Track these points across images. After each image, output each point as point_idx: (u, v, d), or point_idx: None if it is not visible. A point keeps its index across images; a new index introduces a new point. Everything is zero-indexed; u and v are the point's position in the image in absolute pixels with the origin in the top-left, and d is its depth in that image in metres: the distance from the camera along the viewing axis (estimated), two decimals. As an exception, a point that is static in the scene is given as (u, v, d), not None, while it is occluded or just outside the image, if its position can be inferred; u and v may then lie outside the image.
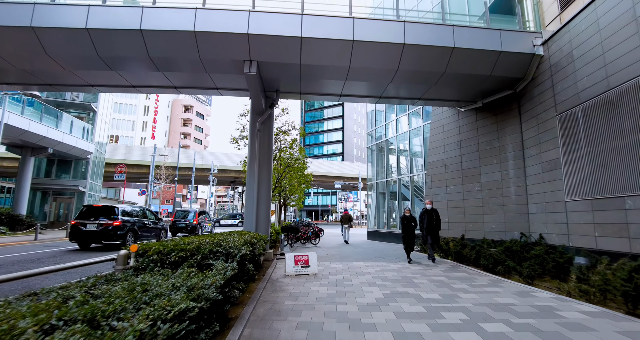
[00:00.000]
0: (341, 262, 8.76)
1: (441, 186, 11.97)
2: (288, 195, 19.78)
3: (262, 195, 9.88)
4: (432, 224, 8.99)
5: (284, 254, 10.35)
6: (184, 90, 10.21)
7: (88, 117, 23.65)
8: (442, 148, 12.17)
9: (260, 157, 10.01)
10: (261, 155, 10.03)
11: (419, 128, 14.99)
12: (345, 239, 15.97)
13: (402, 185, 16.07)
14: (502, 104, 9.97)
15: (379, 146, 18.17)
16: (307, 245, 13.76)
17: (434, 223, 9.00)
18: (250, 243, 5.66)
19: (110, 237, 11.35)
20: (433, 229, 9.01)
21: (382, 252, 11.34)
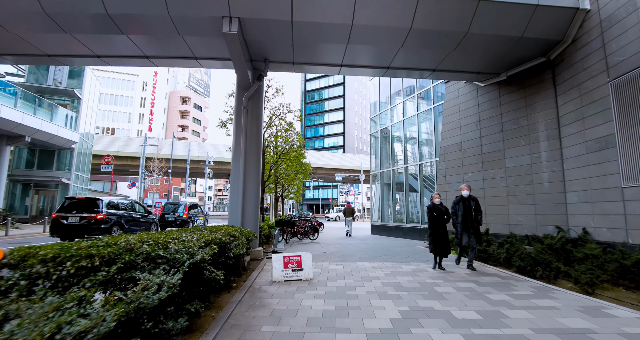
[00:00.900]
0: (342, 263, 7.34)
1: (457, 174, 10.49)
2: (285, 185, 18.36)
3: (249, 184, 8.43)
4: (470, 217, 6.59)
5: (277, 253, 8.95)
6: (157, 60, 8.69)
7: (72, 105, 22.16)
8: (457, 130, 10.66)
9: (248, 139, 8.53)
10: (249, 137, 8.55)
11: (428, 111, 13.46)
12: (348, 231, 15.41)
13: (409, 175, 14.60)
14: (532, 74, 8.43)
15: (384, 133, 16.65)
16: (305, 241, 12.37)
17: (472, 216, 6.59)
18: (219, 243, 4.23)
19: (94, 231, 10.51)
20: (472, 225, 6.57)
21: (390, 249, 9.91)
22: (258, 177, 8.67)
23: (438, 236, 6.71)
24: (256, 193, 8.56)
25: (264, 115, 12.61)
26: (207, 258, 3.31)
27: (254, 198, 8.47)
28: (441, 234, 6.72)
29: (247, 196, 8.34)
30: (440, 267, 6.71)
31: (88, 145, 23.91)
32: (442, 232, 6.73)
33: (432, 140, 13.13)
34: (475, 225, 6.62)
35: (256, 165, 8.64)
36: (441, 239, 6.67)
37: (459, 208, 6.80)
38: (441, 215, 6.85)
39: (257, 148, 8.73)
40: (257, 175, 8.64)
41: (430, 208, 6.98)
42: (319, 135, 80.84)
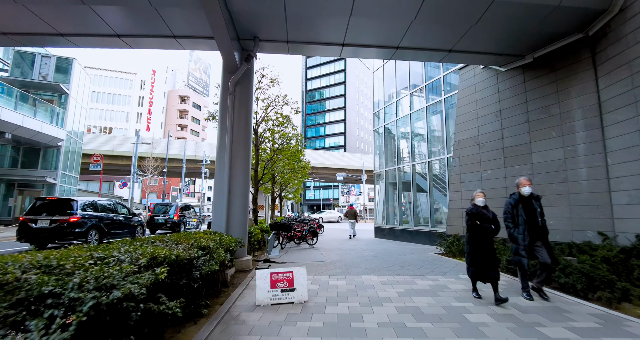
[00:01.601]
0: (345, 276, 6.15)
1: (473, 171, 9.30)
2: (283, 184, 17.19)
3: (236, 183, 7.27)
4: (536, 224, 4.68)
5: (270, 261, 7.79)
6: (130, 40, 7.53)
7: (59, 101, 21.06)
8: (474, 122, 9.47)
9: (235, 130, 7.38)
10: (236, 128, 7.39)
11: (438, 103, 12.28)
12: (351, 234, 15.11)
13: (417, 174, 13.41)
14: (565, 55, 7.24)
15: (388, 128, 15.47)
16: (303, 247, 11.19)
17: (540, 222, 4.70)
18: (177, 261, 3.07)
19: (66, 235, 9.42)
20: (540, 235, 4.69)
21: (398, 257, 8.73)
22: (247, 175, 7.51)
23: (482, 254, 4.59)
24: (244, 193, 7.40)
25: (256, 107, 11.48)
26: (137, 292, 2.14)
27: (241, 199, 7.31)
28: (487, 251, 4.59)
29: (233, 197, 7.18)
30: (478, 294, 4.79)
31: (77, 143, 22.80)
32: (487, 249, 4.60)
33: (442, 135, 11.94)
34: (544, 235, 4.68)
35: (244, 160, 7.48)
36: (487, 259, 4.56)
37: (520, 212, 4.73)
38: (488, 223, 4.66)
39: (246, 141, 7.57)
40: (246, 173, 7.48)
41: (471, 214, 4.77)
42: (319, 135, 79.74)
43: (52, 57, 20.84)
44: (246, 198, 7.46)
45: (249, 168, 7.60)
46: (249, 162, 7.61)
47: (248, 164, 7.59)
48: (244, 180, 7.44)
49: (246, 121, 7.66)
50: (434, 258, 8.49)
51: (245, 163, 7.51)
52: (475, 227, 4.71)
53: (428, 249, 10.43)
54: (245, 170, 7.50)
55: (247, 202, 7.52)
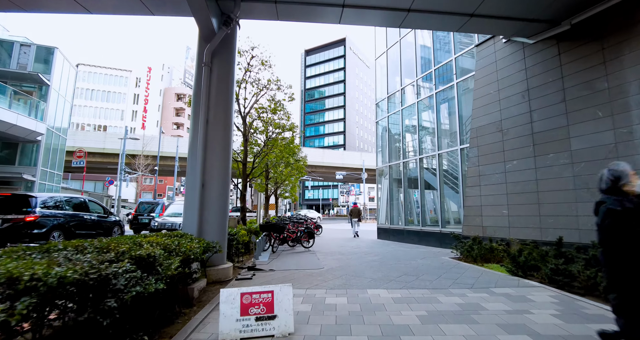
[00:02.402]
0: (346, 291, 4.83)
1: (495, 162, 7.99)
2: (279, 181, 15.87)
3: (212, 176, 5.95)
4: None
5: (255, 269, 6.46)
6: (93, 5, 6.20)
7: (39, 93, 19.72)
8: (495, 105, 8.16)
9: (212, 110, 6.07)
10: (213, 107, 6.09)
11: (449, 89, 10.98)
12: (355, 231, 14.94)
13: (425, 169, 12.11)
14: (614, 17, 5.94)
15: (392, 120, 14.16)
16: (297, 249, 9.86)
17: None
18: (62, 285, 1.76)
19: (22, 237, 8.19)
20: None
21: (408, 262, 7.42)
22: (226, 166, 6.19)
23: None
24: (223, 187, 6.08)
25: (244, 92, 10.17)
26: None
27: (219, 194, 5.99)
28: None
29: (208, 192, 5.86)
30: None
31: (60, 139, 21.45)
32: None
33: (454, 124, 10.63)
34: None
35: (223, 147, 6.16)
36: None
37: None
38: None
39: (226, 123, 6.25)
40: (225, 164, 6.16)
41: (623, 211, 2.29)
42: (319, 134, 78.52)
43: (31, 46, 19.50)
44: (225, 193, 6.14)
45: (228, 157, 6.28)
46: (228, 150, 6.29)
47: (228, 152, 6.27)
48: (223, 172, 6.12)
49: (226, 100, 6.34)
50: (451, 264, 7.18)
51: (224, 151, 6.19)
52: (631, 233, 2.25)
53: (440, 253, 9.11)
54: (224, 159, 6.18)
55: (227, 198, 6.19)
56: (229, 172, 6.28)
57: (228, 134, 6.30)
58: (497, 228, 7.74)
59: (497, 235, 7.68)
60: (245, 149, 10.00)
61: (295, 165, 14.67)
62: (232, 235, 6.89)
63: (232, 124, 6.57)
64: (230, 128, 6.42)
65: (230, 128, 6.42)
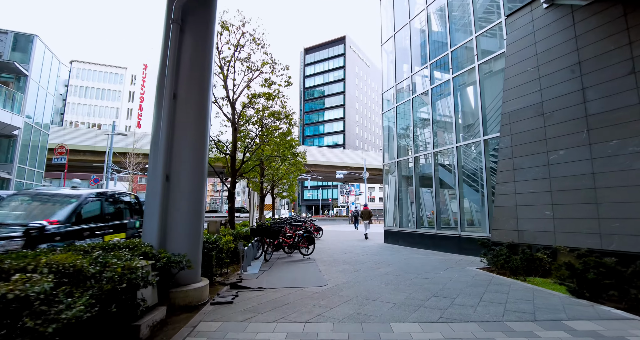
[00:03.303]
0: (361, 327, 3.39)
1: (534, 152, 6.58)
2: (276, 179, 14.43)
3: (181, 167, 4.55)
4: None
5: (239, 286, 5.04)
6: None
7: (17, 84, 18.25)
8: (533, 84, 6.75)
9: (182, 80, 4.66)
10: (184, 75, 4.68)
11: (469, 72, 9.59)
12: (365, 233, 14.71)
13: (439, 166, 10.71)
14: None
15: (401, 110, 12.76)
16: (294, 257, 8.43)
17: None
18: None
19: None
20: None
21: (432, 277, 6.00)
22: (200, 156, 4.78)
23: None
24: (196, 183, 4.66)
25: (233, 74, 8.73)
26: None
27: (190, 192, 4.57)
28: None
29: (175, 189, 4.45)
30: None
31: (42, 134, 19.99)
32: None
33: (476, 112, 9.24)
34: None
35: (197, 133, 4.75)
36: None
37: None
38: None
39: (202, 103, 4.84)
40: (199, 154, 4.75)
41: None
42: (318, 133, 77.15)
43: (8, 33, 18.05)
44: (199, 190, 4.71)
45: (204, 144, 4.85)
46: (204, 135, 4.87)
47: (203, 137, 4.84)
48: (196, 162, 4.70)
49: (203, 72, 4.93)
50: (484, 278, 5.77)
51: (199, 135, 4.77)
52: None
53: (463, 262, 7.71)
54: (199, 146, 4.76)
55: (202, 196, 4.77)
56: (204, 163, 4.86)
57: (204, 115, 4.88)
58: (537, 233, 6.33)
59: (537, 242, 6.28)
60: (234, 141, 8.58)
61: (294, 160, 13.24)
62: (212, 243, 5.46)
63: (209, 102, 5.14)
64: (207, 107, 5.00)
65: (207, 107, 5.00)
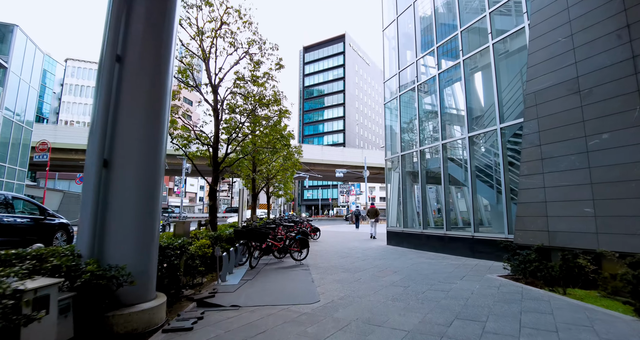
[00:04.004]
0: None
1: (568, 138, 5.50)
2: (270, 176, 13.36)
3: (126, 150, 3.48)
4: None
5: (207, 303, 3.95)
6: None
7: (-4, 76, 17.22)
8: (566, 57, 5.67)
9: (131, 39, 3.60)
10: (137, 36, 3.62)
11: (483, 53, 8.54)
12: (372, 234, 14.29)
13: (448, 160, 9.66)
14: None
15: (405, 99, 11.69)
16: (285, 262, 7.35)
17: None
18: None
19: None
20: None
21: (448, 287, 4.93)
22: (156, 138, 3.71)
23: None
24: (148, 173, 3.59)
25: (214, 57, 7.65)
26: None
27: (139, 184, 3.51)
28: None
29: (117, 179, 3.39)
30: None
31: (24, 131, 18.94)
32: None
33: (491, 97, 8.18)
34: None
35: (150, 108, 3.68)
36: None
37: None
38: None
39: (159, 70, 3.78)
40: (154, 135, 3.68)
41: None
42: (318, 132, 76.14)
43: (-14, 23, 17.06)
44: (153, 182, 3.64)
45: (161, 122, 3.78)
46: (161, 111, 3.78)
47: (160, 114, 3.77)
48: (149, 146, 3.63)
49: (162, 27, 3.86)
50: (512, 289, 4.70)
51: (153, 111, 3.70)
52: None
53: (479, 267, 6.65)
54: (154, 124, 3.69)
55: (156, 190, 3.69)
56: (160, 148, 3.78)
57: (162, 86, 3.81)
58: (574, 234, 5.26)
59: (574, 245, 5.20)
60: (216, 131, 7.53)
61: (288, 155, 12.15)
62: (177, 248, 4.39)
63: (171, 72, 4.06)
64: (167, 78, 3.93)
65: (167, 78, 3.93)
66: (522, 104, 7.97)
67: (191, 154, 8.68)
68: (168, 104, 4.02)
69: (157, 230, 3.72)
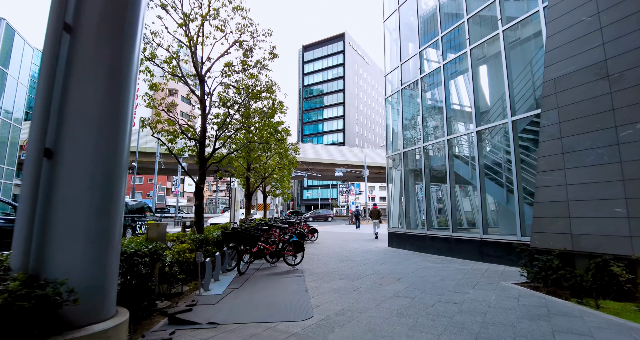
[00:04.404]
0: None
1: (595, 128, 4.88)
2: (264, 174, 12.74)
3: (75, 134, 2.85)
4: None
5: (177, 325, 3.31)
6: None
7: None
8: (592, 38, 5.05)
9: (88, 5, 2.98)
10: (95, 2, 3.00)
11: (491, 42, 7.93)
12: (376, 233, 14.28)
13: (454, 157, 9.06)
14: None
15: (408, 93, 11.08)
16: (278, 268, 6.73)
17: None
18: None
19: None
20: None
21: (460, 298, 4.32)
22: (118, 127, 3.07)
23: None
24: (105, 168, 2.97)
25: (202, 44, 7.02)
26: None
27: (93, 181, 2.87)
28: None
29: (64, 176, 2.76)
30: None
31: (12, 128, 18.32)
32: None
33: (501, 89, 7.57)
34: None
35: (112, 92, 3.06)
36: None
37: None
38: None
39: (121, 42, 3.15)
40: (114, 118, 3.04)
41: None
42: (317, 132, 75.55)
43: (-29, 17, 16.43)
44: (112, 176, 3.02)
45: (125, 106, 3.16)
46: (124, 93, 3.17)
47: (123, 94, 3.14)
48: (108, 133, 3.00)
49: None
50: (534, 301, 4.09)
51: (114, 93, 3.08)
52: None
53: (491, 272, 6.03)
54: (114, 108, 3.06)
55: (116, 186, 3.07)
56: (122, 136, 3.16)
57: (124, 60, 3.19)
58: (603, 238, 4.65)
59: (602, 250, 4.59)
60: (203, 124, 6.92)
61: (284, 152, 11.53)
62: (146, 255, 3.77)
63: (137, 50, 3.44)
64: (133, 51, 3.31)
65: (133, 51, 3.31)
66: (533, 96, 7.38)
67: (178, 150, 8.08)
68: (133, 88, 3.40)
69: (116, 235, 3.10)
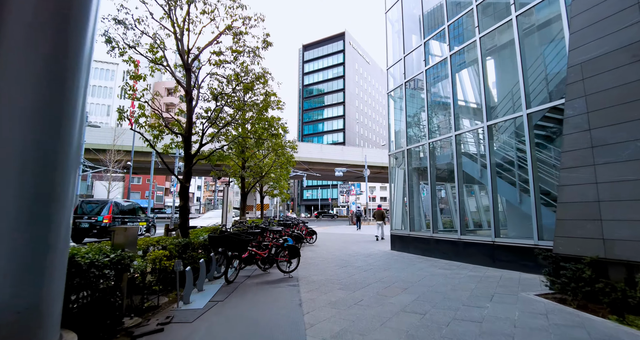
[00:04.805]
0: None
1: (631, 118, 4.26)
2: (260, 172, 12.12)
3: (8, 125, 2.24)
4: None
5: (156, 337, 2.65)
6: None
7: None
8: (624, 16, 4.42)
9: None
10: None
11: (503, 29, 7.32)
12: (379, 236, 13.92)
13: (462, 155, 8.45)
14: None
15: (412, 87, 10.46)
16: (271, 275, 6.10)
17: None
18: None
19: None
20: None
21: (479, 315, 3.70)
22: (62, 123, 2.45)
23: None
24: (45, 172, 2.34)
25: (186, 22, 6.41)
26: None
27: (24, 176, 2.25)
28: None
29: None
30: None
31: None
32: None
33: (515, 79, 6.95)
34: None
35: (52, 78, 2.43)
36: None
37: None
38: None
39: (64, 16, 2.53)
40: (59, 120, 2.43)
41: None
42: (317, 131, 74.96)
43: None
44: (53, 177, 2.40)
45: (70, 91, 2.54)
46: (75, 69, 2.55)
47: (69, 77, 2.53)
48: (49, 125, 2.38)
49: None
50: (565, 318, 3.48)
51: (55, 70, 2.46)
52: None
53: (507, 281, 5.41)
54: (54, 95, 2.45)
55: (59, 189, 2.45)
56: (69, 125, 2.55)
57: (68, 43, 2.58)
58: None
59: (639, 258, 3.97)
60: (189, 117, 6.33)
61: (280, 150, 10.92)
62: (109, 266, 3.17)
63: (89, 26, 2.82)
64: (82, 33, 2.70)
65: (82, 33, 2.70)
66: (547, 88, 6.78)
67: (165, 146, 7.50)
68: (84, 74, 2.79)
69: (59, 245, 2.48)
